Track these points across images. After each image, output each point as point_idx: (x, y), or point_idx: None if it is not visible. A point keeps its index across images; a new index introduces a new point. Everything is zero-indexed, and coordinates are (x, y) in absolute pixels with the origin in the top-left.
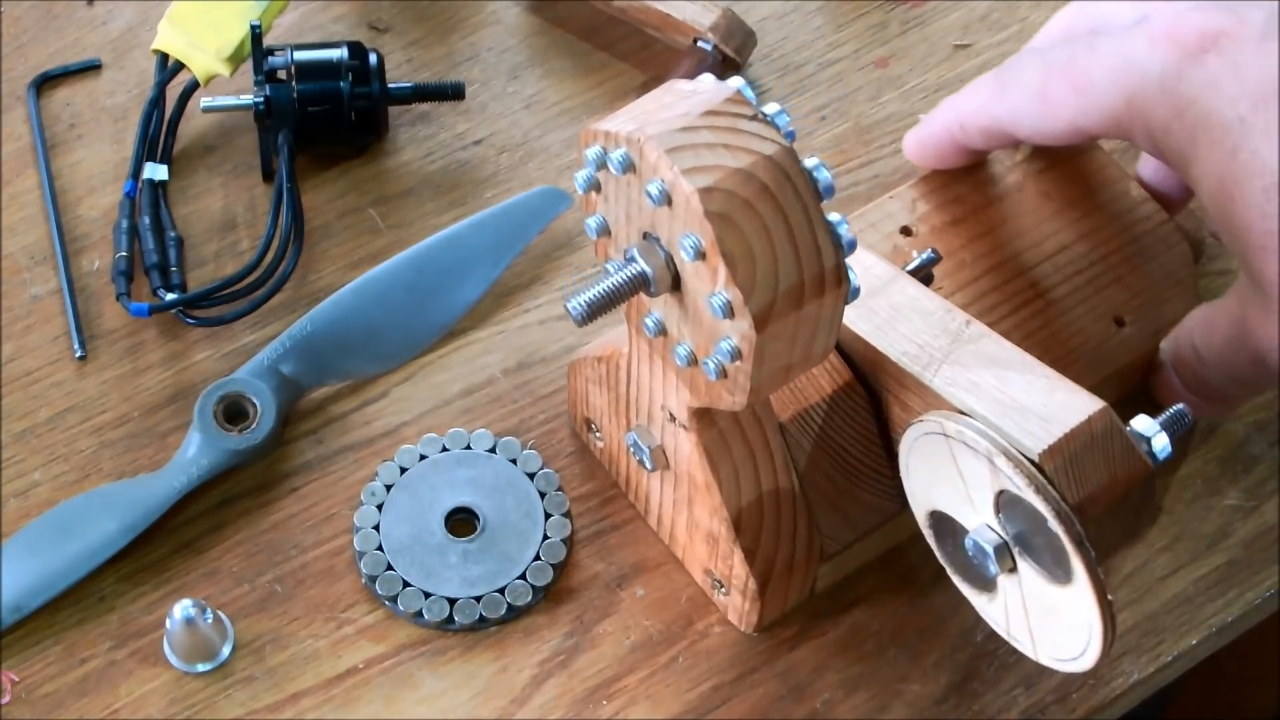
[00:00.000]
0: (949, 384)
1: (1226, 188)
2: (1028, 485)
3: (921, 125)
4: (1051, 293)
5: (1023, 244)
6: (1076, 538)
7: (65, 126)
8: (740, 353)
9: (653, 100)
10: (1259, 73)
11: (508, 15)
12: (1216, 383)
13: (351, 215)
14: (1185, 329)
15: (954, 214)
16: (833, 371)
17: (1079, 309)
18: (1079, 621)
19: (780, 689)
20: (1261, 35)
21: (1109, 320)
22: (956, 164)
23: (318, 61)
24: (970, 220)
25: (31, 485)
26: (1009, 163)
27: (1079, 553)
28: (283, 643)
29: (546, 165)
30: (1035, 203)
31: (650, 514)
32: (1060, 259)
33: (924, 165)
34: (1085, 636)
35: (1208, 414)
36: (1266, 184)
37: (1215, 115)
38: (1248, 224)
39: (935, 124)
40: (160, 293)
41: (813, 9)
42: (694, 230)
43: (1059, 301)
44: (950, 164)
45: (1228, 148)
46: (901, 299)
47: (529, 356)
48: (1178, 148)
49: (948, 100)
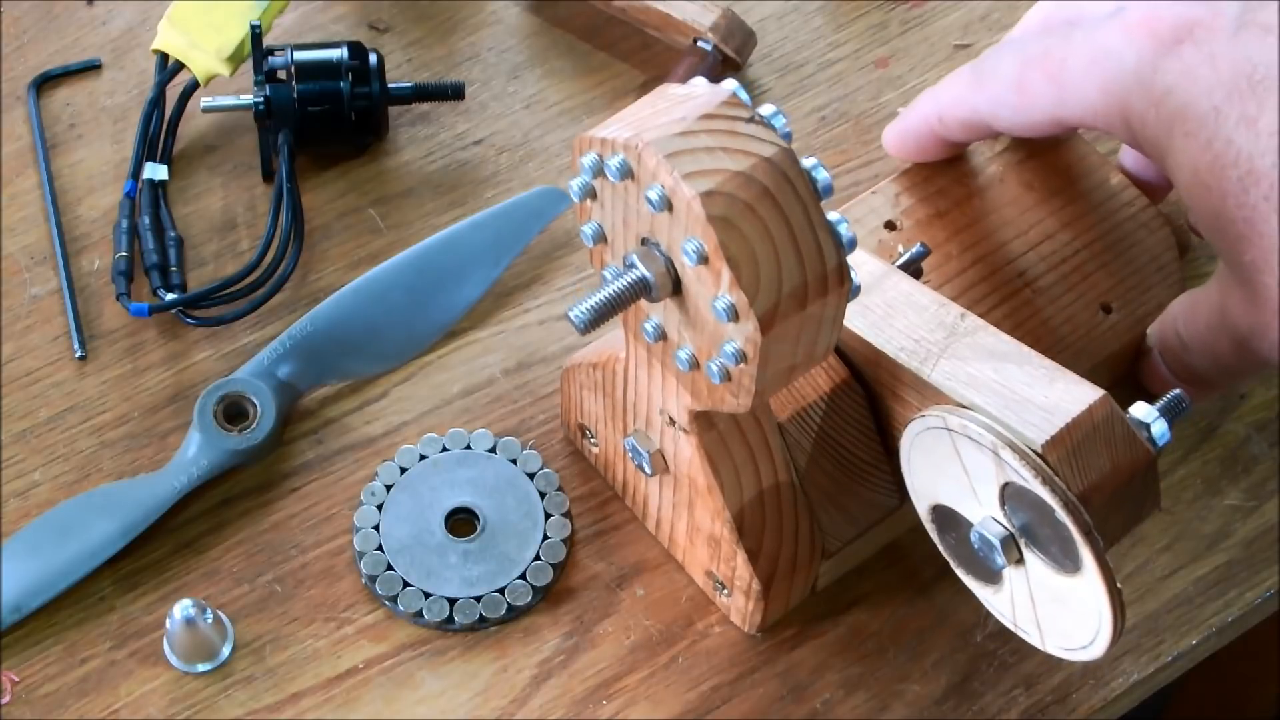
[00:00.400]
0: (948, 378)
1: (1202, 177)
2: (1034, 477)
3: (900, 118)
4: (1038, 282)
5: (1007, 234)
6: (1084, 527)
7: (65, 126)
8: (745, 355)
9: (647, 105)
10: (1233, 64)
11: (508, 15)
12: (1201, 369)
13: (351, 215)
14: (1169, 316)
15: (937, 207)
16: (830, 370)
17: (1066, 297)
18: (1088, 610)
19: (780, 689)
20: (1235, 26)
21: (1096, 307)
22: (936, 156)
23: (318, 61)
24: (954, 213)
25: (31, 485)
26: (989, 154)
27: (1087, 541)
28: (283, 643)
29: (546, 165)
30: (1018, 193)
31: (649, 518)
32: (1045, 248)
33: (904, 158)
34: (1095, 624)
35: (1197, 400)
36: (1242, 173)
37: (1191, 106)
38: (1225, 213)
39: (914, 116)
40: (160, 293)
41: (813, 9)
42: (696, 235)
43: (1046, 290)
44: (930, 156)
45: (1203, 138)
46: (895, 295)
47: (529, 356)
48: (1154, 138)
49: (926, 92)
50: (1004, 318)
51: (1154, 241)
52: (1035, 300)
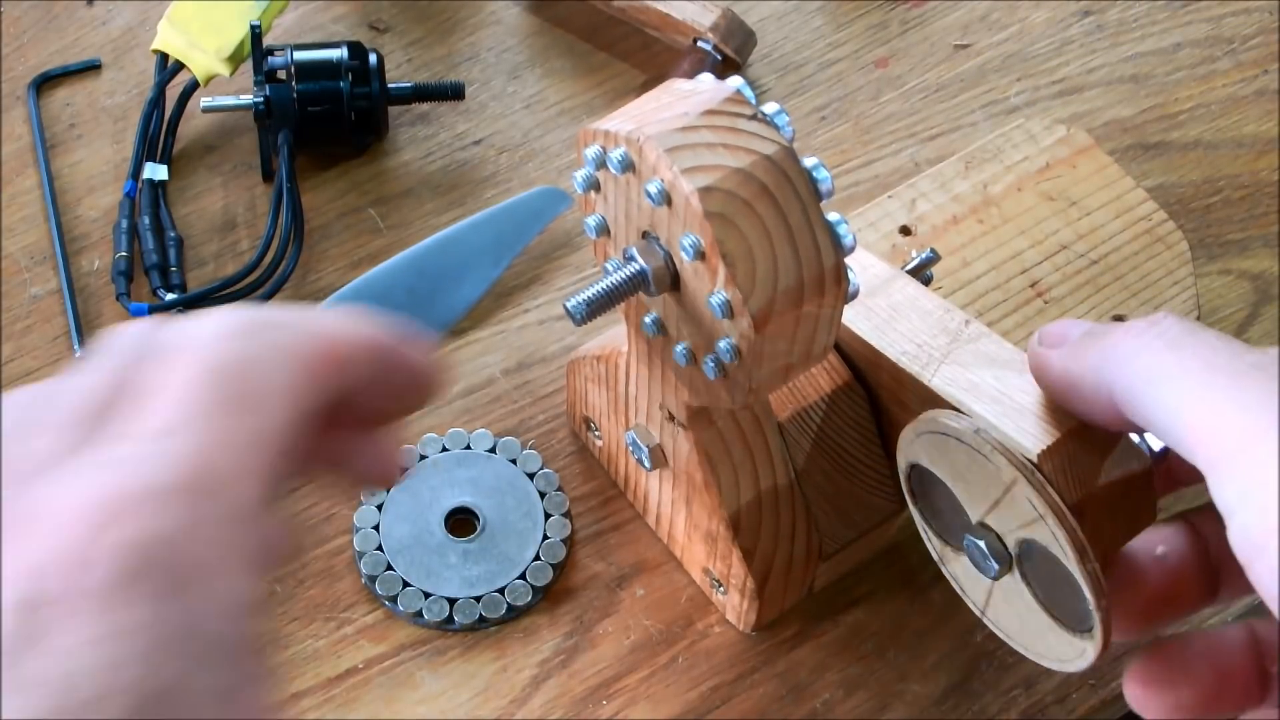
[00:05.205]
0: (948, 383)
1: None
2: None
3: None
4: (1051, 292)
5: (1022, 243)
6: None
7: (65, 126)
8: (740, 352)
9: (651, 100)
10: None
11: (508, 15)
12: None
13: (351, 215)
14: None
15: (953, 213)
16: (831, 371)
17: (1079, 308)
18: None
19: (780, 689)
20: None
21: (1109, 319)
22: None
23: (318, 61)
24: (969, 219)
25: None
26: (1007, 163)
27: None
28: (282, 642)
29: (546, 165)
30: (1035, 202)
31: (649, 513)
32: (1060, 258)
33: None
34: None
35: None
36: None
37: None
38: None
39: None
40: (160, 293)
41: (813, 9)
42: (693, 230)
43: (1059, 301)
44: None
45: None
46: (900, 298)
47: (529, 356)
48: None
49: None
50: (1015, 326)
51: (1169, 255)
52: (1048, 309)
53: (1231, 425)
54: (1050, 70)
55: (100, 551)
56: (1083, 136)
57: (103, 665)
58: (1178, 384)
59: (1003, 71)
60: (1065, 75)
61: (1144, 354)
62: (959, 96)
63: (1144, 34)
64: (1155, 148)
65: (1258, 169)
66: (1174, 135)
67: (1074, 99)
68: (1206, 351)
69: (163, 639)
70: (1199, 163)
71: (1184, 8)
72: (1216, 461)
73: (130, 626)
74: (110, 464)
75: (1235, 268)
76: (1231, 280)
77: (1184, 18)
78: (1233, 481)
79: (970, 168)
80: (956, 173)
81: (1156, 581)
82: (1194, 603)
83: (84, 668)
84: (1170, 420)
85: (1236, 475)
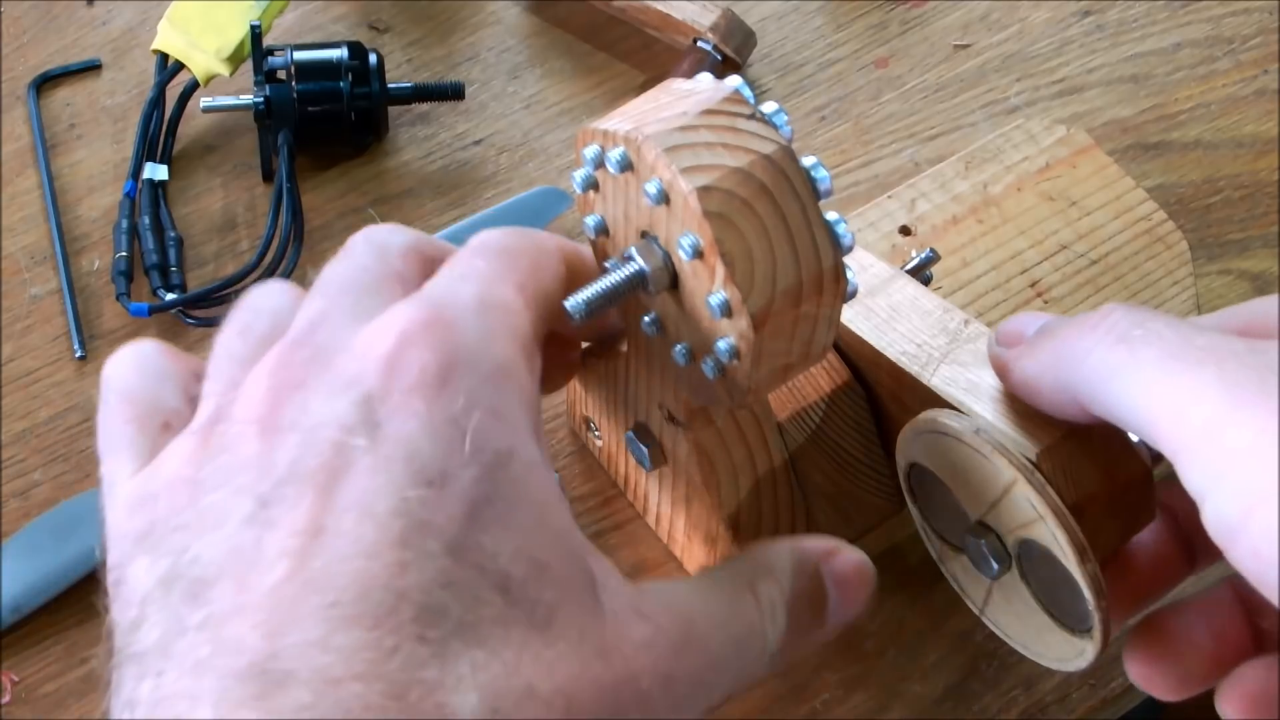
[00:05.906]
0: (947, 383)
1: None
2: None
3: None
4: (1051, 292)
5: (1022, 243)
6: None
7: (65, 126)
8: (739, 352)
9: (650, 99)
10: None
11: (508, 15)
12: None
13: (351, 215)
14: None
15: (953, 213)
16: (831, 371)
17: (1079, 308)
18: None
19: (780, 689)
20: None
21: None
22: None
23: (318, 61)
24: (969, 219)
25: (31, 485)
26: (1007, 163)
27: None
28: None
29: (546, 165)
30: (1035, 202)
31: (649, 513)
32: (1060, 258)
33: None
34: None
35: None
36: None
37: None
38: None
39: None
40: (160, 293)
41: (813, 9)
42: (692, 229)
43: (1059, 301)
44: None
45: None
46: (900, 298)
47: None
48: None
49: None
50: None
51: (1169, 256)
52: (1047, 310)
53: (1193, 413)
54: (1050, 70)
55: (408, 361)
56: (1083, 136)
57: (442, 438)
58: (1135, 376)
59: (1003, 71)
60: (1065, 75)
61: (1097, 350)
62: (959, 96)
63: (1144, 34)
64: (1155, 148)
65: (1258, 169)
66: (1174, 135)
67: (1074, 99)
68: (1157, 340)
69: (488, 414)
70: (1199, 163)
71: (1184, 8)
72: (1182, 449)
73: (457, 410)
74: (412, 298)
75: (1235, 268)
76: (1231, 280)
77: (1184, 18)
78: (1201, 466)
79: (970, 168)
80: (956, 173)
81: (1141, 563)
82: (1176, 577)
83: (423, 448)
84: (1132, 413)
85: (1204, 460)
